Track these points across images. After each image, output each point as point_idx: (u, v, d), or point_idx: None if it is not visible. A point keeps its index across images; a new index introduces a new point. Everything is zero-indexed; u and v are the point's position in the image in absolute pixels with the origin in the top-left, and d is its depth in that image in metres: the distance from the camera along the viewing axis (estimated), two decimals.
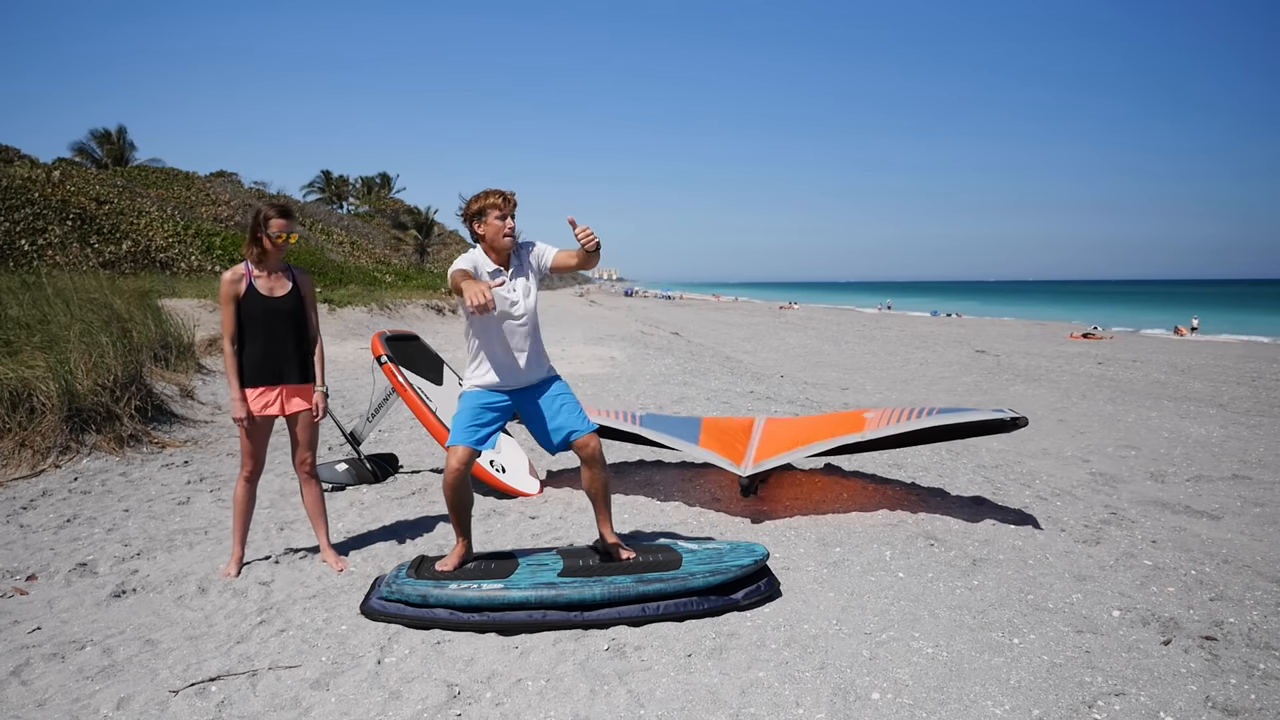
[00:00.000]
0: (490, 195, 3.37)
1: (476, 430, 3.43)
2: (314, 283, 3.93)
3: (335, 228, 49.94)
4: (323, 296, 19.74)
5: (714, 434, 5.10)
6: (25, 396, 5.68)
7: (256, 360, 3.66)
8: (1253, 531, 4.67)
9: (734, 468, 4.52)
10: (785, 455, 4.55)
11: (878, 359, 17.10)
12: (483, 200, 3.37)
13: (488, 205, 3.36)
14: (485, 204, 3.36)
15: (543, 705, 2.67)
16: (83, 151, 46.85)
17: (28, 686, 2.77)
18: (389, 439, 6.98)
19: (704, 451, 4.76)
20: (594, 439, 3.48)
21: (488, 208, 3.36)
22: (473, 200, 3.40)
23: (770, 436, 4.90)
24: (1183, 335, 29.78)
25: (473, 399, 3.47)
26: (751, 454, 4.64)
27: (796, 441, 4.68)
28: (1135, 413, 9.40)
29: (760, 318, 37.94)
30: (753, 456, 4.60)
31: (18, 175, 24.98)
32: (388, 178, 73.63)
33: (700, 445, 4.84)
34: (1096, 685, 2.75)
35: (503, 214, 3.36)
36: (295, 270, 3.81)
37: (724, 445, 4.85)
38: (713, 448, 4.79)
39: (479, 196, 3.39)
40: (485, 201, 3.37)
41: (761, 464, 4.50)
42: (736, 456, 4.66)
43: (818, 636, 3.11)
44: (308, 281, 3.86)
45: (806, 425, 5.10)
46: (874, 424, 4.62)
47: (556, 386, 3.56)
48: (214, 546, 4.16)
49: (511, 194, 3.40)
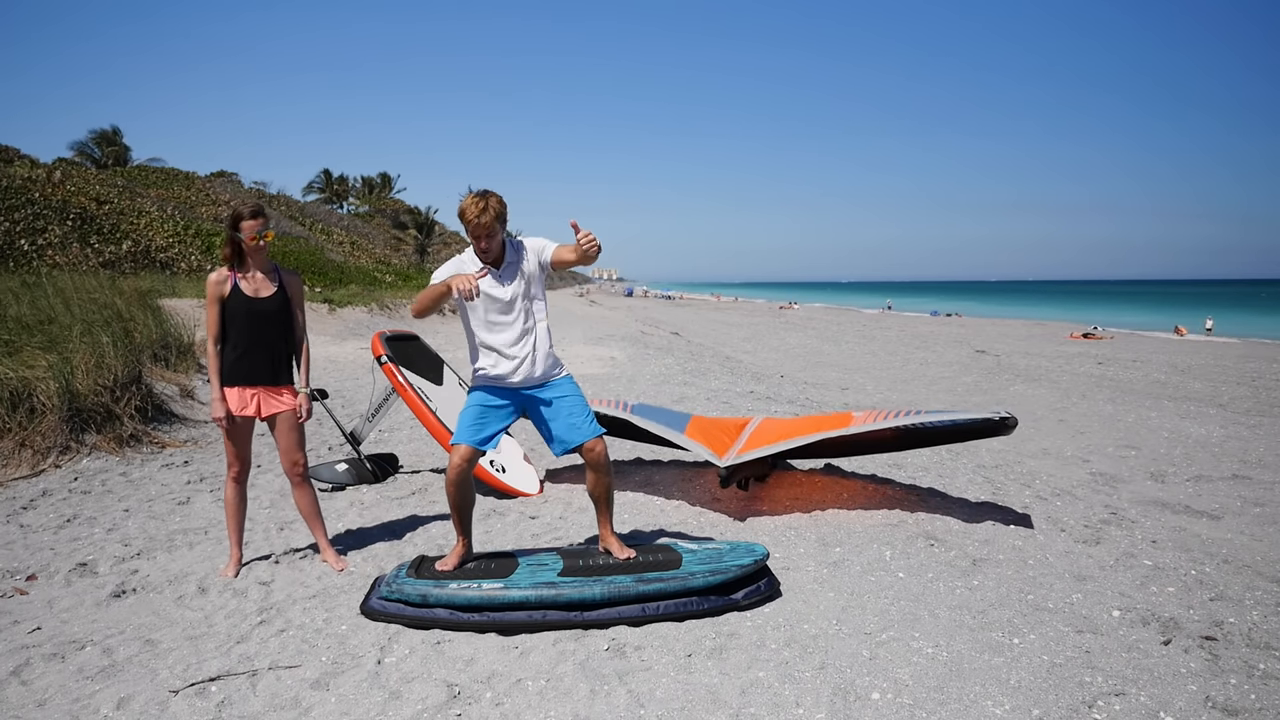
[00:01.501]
0: (472, 204, 3.26)
1: (480, 429, 3.43)
2: (309, 283, 3.92)
3: (335, 228, 49.94)
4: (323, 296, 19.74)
5: (703, 428, 5.17)
6: (25, 396, 5.68)
7: (237, 360, 3.64)
8: (1253, 531, 4.67)
9: (715, 459, 4.54)
10: (765, 449, 4.56)
11: (878, 359, 17.10)
12: (465, 204, 3.28)
13: (465, 215, 3.27)
14: (464, 210, 3.27)
15: (543, 705, 2.67)
16: (83, 151, 46.87)
17: (28, 686, 2.77)
18: (389, 439, 6.98)
19: (689, 440, 4.79)
20: (600, 444, 3.47)
21: (465, 219, 3.28)
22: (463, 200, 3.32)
23: (760, 434, 4.92)
24: (1183, 335, 29.77)
25: (478, 398, 3.47)
26: (736, 448, 4.67)
27: (781, 438, 4.69)
28: (1135, 413, 9.40)
29: (760, 318, 37.93)
30: (737, 450, 4.63)
31: (18, 175, 25.00)
32: (388, 178, 73.65)
33: (686, 434, 4.89)
34: (1096, 685, 2.75)
35: (473, 234, 3.28)
36: (283, 271, 3.78)
37: (710, 438, 4.91)
38: (698, 439, 4.85)
39: (467, 198, 3.29)
40: (466, 207, 3.27)
41: (742, 456, 4.52)
42: (720, 449, 4.70)
43: (818, 636, 3.11)
44: (296, 283, 3.82)
45: (795, 424, 5.12)
46: (859, 422, 4.64)
47: (565, 387, 3.52)
48: (214, 546, 4.16)
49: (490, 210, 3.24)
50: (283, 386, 3.75)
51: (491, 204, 3.26)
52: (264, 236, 3.63)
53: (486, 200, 3.26)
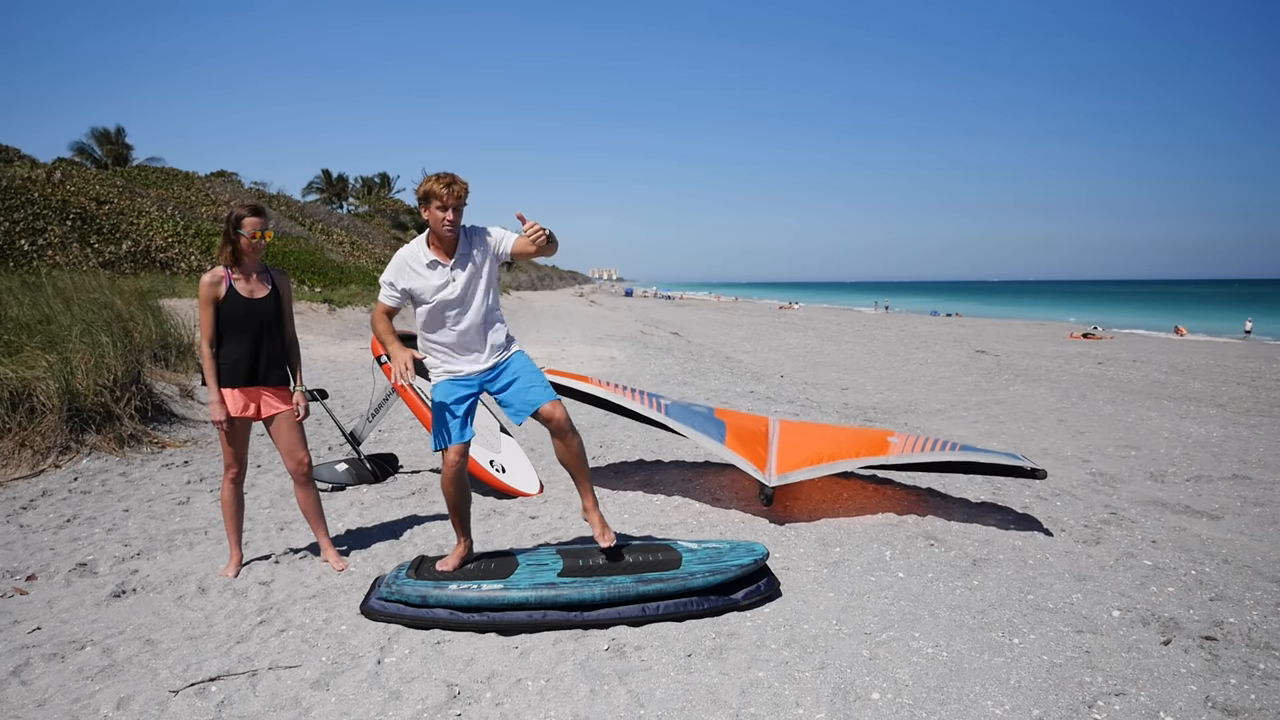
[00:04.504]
0: (437, 182, 3.21)
1: (460, 423, 3.41)
2: (310, 283, 3.93)
3: (335, 228, 49.93)
4: (323, 296, 19.74)
5: (738, 434, 5.00)
6: (25, 396, 5.68)
7: (235, 362, 3.62)
8: (1253, 531, 4.68)
9: (760, 475, 4.48)
10: (811, 470, 4.53)
11: (878, 359, 17.10)
12: (429, 184, 3.22)
13: (431, 192, 3.22)
14: (430, 189, 3.22)
15: (543, 705, 2.67)
16: (83, 151, 46.88)
17: (28, 686, 2.77)
18: (389, 439, 6.98)
19: (729, 453, 4.69)
20: (558, 407, 3.39)
21: (431, 195, 3.23)
22: (423, 182, 3.27)
23: (789, 445, 4.85)
24: (1183, 335, 29.78)
25: (445, 392, 3.42)
26: (773, 462, 4.61)
27: (821, 456, 4.64)
28: (1135, 413, 9.40)
29: (760, 318, 37.92)
30: (774, 465, 4.57)
31: (18, 175, 24.98)
32: (388, 178, 73.67)
33: (726, 445, 4.76)
34: (1096, 685, 2.75)
35: (444, 205, 3.23)
36: (274, 272, 3.77)
37: (748, 448, 4.78)
38: (738, 449, 4.73)
39: (428, 180, 3.24)
40: (430, 187, 3.22)
41: (787, 476, 4.47)
42: (760, 462, 4.62)
43: (818, 636, 3.11)
44: (286, 283, 3.82)
45: (827, 437, 5.04)
46: (898, 449, 4.66)
47: (517, 361, 3.50)
48: (214, 546, 4.16)
49: (459, 184, 3.24)
50: (281, 386, 3.76)
51: (457, 178, 3.25)
52: (264, 235, 3.63)
53: (451, 175, 3.25)
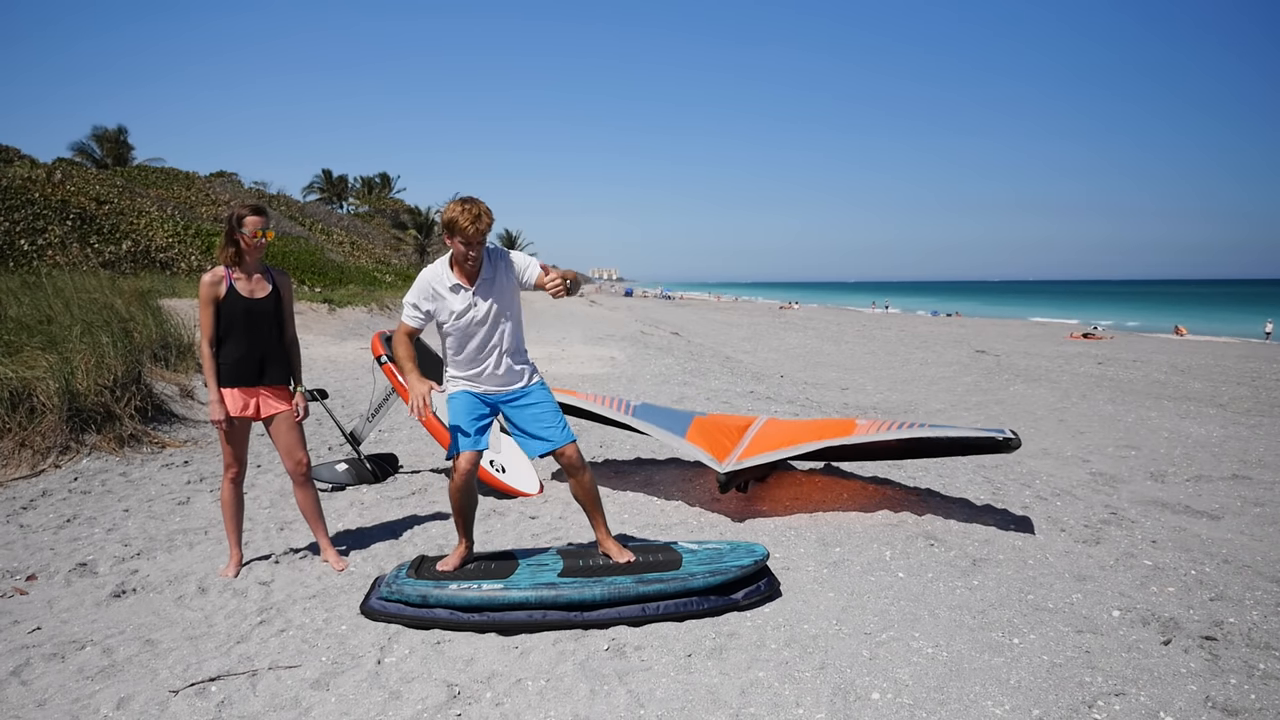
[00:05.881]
0: (463, 215, 3.18)
1: (476, 432, 3.42)
2: (309, 283, 3.93)
3: (335, 228, 49.96)
4: (323, 296, 19.74)
5: (704, 430, 5.09)
6: (25, 396, 5.68)
7: (235, 361, 3.62)
8: (1253, 531, 4.68)
9: (715, 464, 4.51)
10: (766, 455, 4.55)
11: (878, 359, 17.10)
12: (454, 213, 3.20)
13: (456, 224, 3.20)
14: (454, 220, 3.20)
15: (543, 705, 2.67)
16: (83, 151, 46.91)
17: (28, 686, 2.77)
18: (389, 439, 6.98)
19: (688, 445, 4.76)
20: (571, 448, 3.46)
21: (455, 227, 3.21)
22: (448, 208, 3.25)
23: (764, 437, 4.89)
24: (1183, 335, 29.77)
25: (464, 401, 3.45)
26: (738, 452, 4.64)
27: (783, 443, 4.68)
28: (1135, 413, 9.40)
29: (760, 318, 37.93)
30: (738, 455, 4.60)
31: (18, 175, 24.99)
32: (388, 178, 73.72)
33: (686, 439, 4.84)
34: (1096, 685, 2.75)
35: (467, 240, 3.22)
36: (274, 271, 3.77)
37: (712, 442, 4.84)
38: (699, 443, 4.79)
39: (453, 207, 3.22)
40: (455, 218, 3.19)
41: (742, 462, 4.49)
42: (721, 453, 4.66)
43: (818, 636, 3.11)
44: (287, 283, 3.82)
45: (798, 428, 5.10)
46: (863, 431, 4.64)
47: (536, 394, 3.52)
48: (214, 546, 4.16)
49: (485, 220, 3.21)
50: (280, 386, 3.76)
51: (484, 211, 3.23)
52: (265, 235, 3.63)
53: (479, 207, 3.21)
